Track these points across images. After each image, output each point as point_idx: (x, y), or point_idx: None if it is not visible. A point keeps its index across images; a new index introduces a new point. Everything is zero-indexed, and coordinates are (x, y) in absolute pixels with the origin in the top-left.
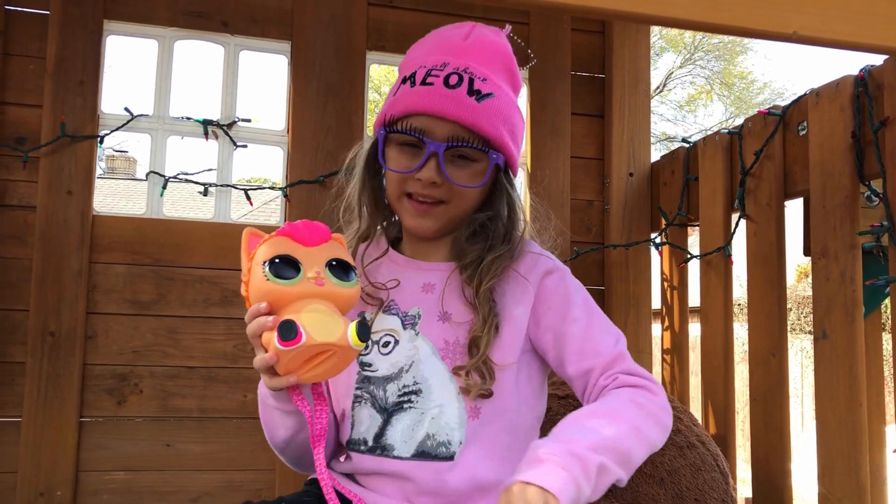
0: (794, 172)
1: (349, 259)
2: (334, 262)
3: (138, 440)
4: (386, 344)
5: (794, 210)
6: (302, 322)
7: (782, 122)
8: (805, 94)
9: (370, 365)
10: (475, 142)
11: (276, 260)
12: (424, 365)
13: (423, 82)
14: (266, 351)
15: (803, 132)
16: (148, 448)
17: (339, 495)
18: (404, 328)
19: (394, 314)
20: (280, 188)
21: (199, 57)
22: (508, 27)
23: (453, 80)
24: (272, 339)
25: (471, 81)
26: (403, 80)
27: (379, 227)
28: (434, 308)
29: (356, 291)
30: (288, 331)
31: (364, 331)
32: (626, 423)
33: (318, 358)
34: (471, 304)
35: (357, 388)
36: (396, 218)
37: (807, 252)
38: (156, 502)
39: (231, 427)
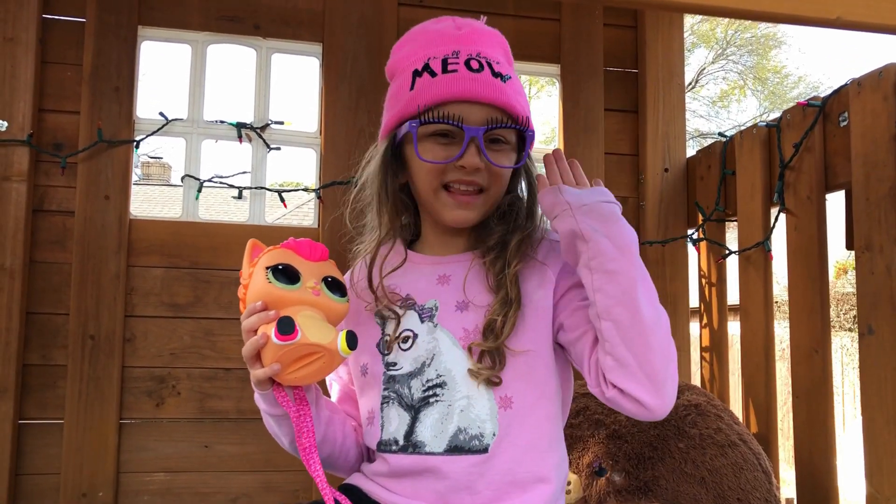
0: (836, 164)
1: (342, 279)
2: (329, 279)
3: (177, 441)
4: (406, 339)
5: (831, 204)
6: (298, 322)
7: (822, 113)
8: (846, 84)
9: (394, 364)
10: (510, 122)
11: (280, 267)
12: (446, 356)
13: (445, 70)
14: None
15: (844, 123)
16: (186, 449)
17: (367, 501)
18: (422, 321)
19: (411, 309)
20: (314, 190)
21: (231, 60)
22: (484, 18)
23: (475, 64)
24: (269, 332)
25: (489, 65)
26: (417, 74)
27: (397, 231)
28: (451, 298)
29: (346, 308)
30: (286, 326)
31: (352, 340)
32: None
33: (306, 359)
34: (492, 288)
35: (384, 389)
36: (411, 222)
37: (849, 246)
38: (195, 503)
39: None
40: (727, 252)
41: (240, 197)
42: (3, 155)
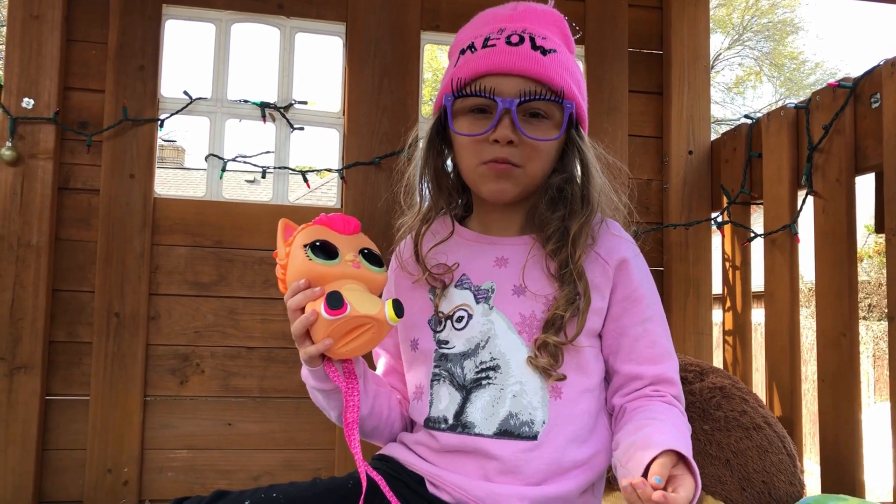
0: (866, 146)
1: (377, 250)
2: (366, 251)
3: (200, 419)
4: (459, 319)
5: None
6: (345, 296)
7: (853, 94)
8: (879, 65)
9: (447, 342)
10: (546, 94)
11: (317, 243)
12: (501, 340)
13: (485, 46)
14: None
15: (876, 104)
16: (210, 427)
17: (401, 476)
18: (477, 302)
19: (466, 289)
20: (336, 170)
21: (255, 40)
22: (551, 1)
23: (515, 39)
24: (318, 308)
25: (532, 39)
26: (462, 52)
27: (443, 206)
28: (508, 282)
29: (385, 278)
30: (336, 301)
31: (399, 308)
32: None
33: (355, 332)
34: (553, 277)
35: (435, 367)
36: (461, 201)
37: (879, 229)
38: (218, 480)
39: (290, 407)
40: (752, 235)
41: (263, 177)
42: (29, 133)
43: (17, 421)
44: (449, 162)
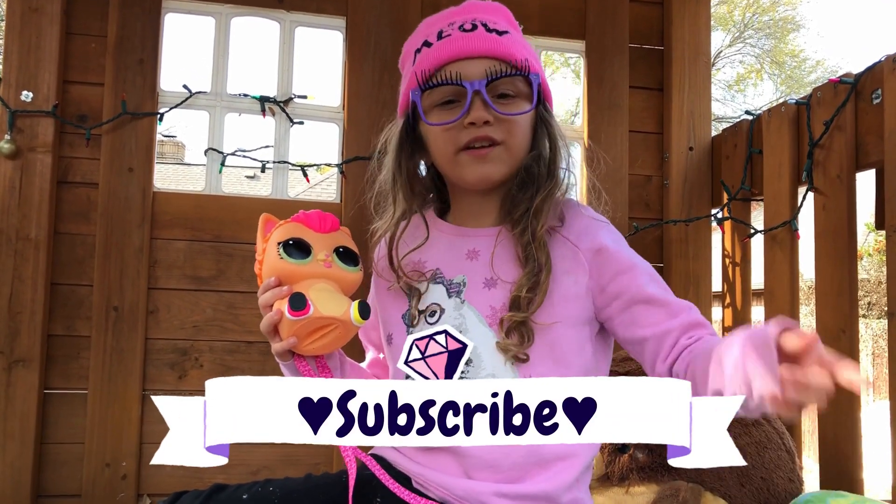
0: (867, 143)
1: (354, 248)
2: (341, 249)
3: None
4: (432, 314)
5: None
6: (310, 296)
7: (854, 90)
8: (880, 61)
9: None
10: (511, 70)
11: (290, 242)
12: (471, 333)
13: (440, 38)
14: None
15: (877, 100)
16: None
17: (392, 474)
18: (449, 296)
19: (439, 283)
20: (336, 165)
21: (255, 33)
22: None
23: (468, 26)
24: (283, 308)
25: (484, 25)
26: (417, 51)
27: (416, 209)
28: (479, 274)
29: (358, 277)
30: (298, 302)
31: (364, 310)
32: None
33: (320, 331)
34: (521, 260)
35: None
36: (437, 197)
37: (879, 225)
38: (217, 474)
39: None
40: (753, 231)
41: (263, 171)
42: (28, 126)
43: (16, 415)
44: (422, 165)
